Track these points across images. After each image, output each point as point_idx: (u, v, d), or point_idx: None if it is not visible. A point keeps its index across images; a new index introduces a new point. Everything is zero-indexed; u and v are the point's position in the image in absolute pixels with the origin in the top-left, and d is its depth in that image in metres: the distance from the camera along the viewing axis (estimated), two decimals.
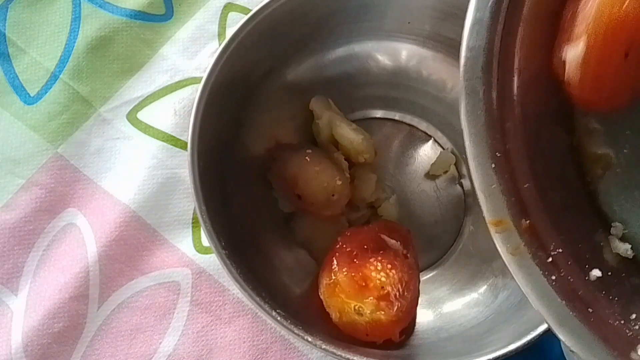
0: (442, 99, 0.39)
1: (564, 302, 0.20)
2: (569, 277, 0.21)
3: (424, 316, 0.34)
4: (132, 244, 0.36)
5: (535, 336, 0.27)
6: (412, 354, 0.31)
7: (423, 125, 0.40)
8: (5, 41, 0.39)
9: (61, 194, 0.37)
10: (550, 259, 0.21)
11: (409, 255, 0.33)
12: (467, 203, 0.39)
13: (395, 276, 0.30)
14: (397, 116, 0.40)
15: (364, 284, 0.30)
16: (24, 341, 0.34)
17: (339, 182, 0.35)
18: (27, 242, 0.36)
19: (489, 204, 0.21)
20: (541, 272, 0.20)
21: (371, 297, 0.29)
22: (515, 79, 0.22)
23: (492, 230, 0.21)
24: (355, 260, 0.31)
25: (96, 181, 0.38)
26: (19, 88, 0.39)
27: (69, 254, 0.36)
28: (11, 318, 0.35)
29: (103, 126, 0.39)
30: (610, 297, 0.21)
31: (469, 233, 0.38)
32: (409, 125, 0.40)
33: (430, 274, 0.37)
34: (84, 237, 0.36)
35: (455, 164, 0.39)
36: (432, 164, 0.39)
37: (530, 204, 0.21)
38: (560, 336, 0.20)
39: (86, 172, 0.38)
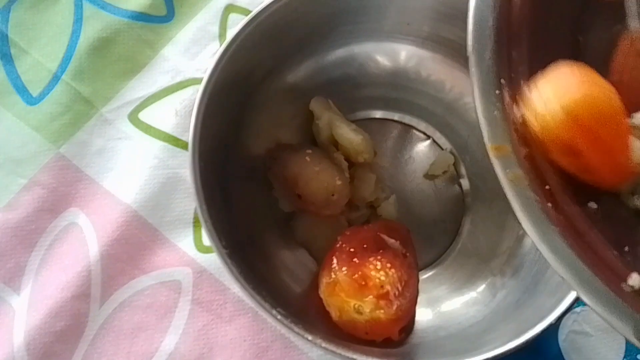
0: (441, 100, 0.39)
1: (557, 229, 0.20)
2: (565, 206, 0.20)
3: (423, 315, 0.34)
4: (134, 243, 0.37)
5: (533, 335, 0.27)
6: (411, 353, 0.31)
7: (422, 126, 0.40)
8: (8, 42, 0.40)
9: (63, 194, 0.37)
10: (547, 187, 0.20)
11: (408, 254, 0.33)
12: (465, 203, 0.39)
13: (395, 275, 0.30)
14: (396, 117, 0.40)
15: (363, 283, 0.30)
16: (26, 340, 0.34)
17: (339, 182, 0.35)
18: (29, 242, 0.36)
19: (490, 129, 0.21)
20: (537, 198, 0.20)
21: (371, 296, 0.29)
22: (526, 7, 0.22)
23: (491, 154, 0.21)
24: (355, 259, 0.31)
25: (98, 181, 0.38)
26: (21, 89, 0.39)
27: (71, 253, 0.36)
28: (13, 317, 0.35)
29: (105, 126, 0.39)
30: (605, 229, 0.21)
31: (467, 232, 0.38)
32: (408, 125, 0.40)
33: (429, 273, 0.37)
34: (85, 236, 0.37)
35: (453, 164, 0.39)
36: (431, 164, 0.39)
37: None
38: (552, 263, 0.19)
39: (88, 172, 0.38)
